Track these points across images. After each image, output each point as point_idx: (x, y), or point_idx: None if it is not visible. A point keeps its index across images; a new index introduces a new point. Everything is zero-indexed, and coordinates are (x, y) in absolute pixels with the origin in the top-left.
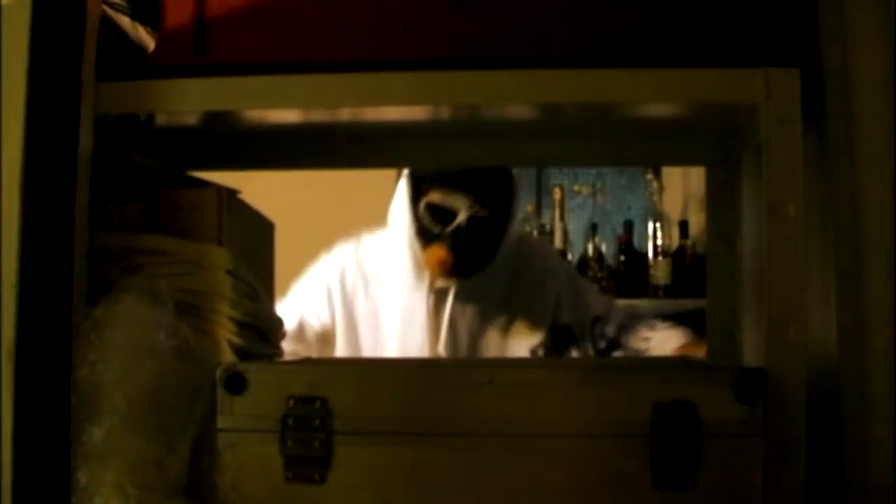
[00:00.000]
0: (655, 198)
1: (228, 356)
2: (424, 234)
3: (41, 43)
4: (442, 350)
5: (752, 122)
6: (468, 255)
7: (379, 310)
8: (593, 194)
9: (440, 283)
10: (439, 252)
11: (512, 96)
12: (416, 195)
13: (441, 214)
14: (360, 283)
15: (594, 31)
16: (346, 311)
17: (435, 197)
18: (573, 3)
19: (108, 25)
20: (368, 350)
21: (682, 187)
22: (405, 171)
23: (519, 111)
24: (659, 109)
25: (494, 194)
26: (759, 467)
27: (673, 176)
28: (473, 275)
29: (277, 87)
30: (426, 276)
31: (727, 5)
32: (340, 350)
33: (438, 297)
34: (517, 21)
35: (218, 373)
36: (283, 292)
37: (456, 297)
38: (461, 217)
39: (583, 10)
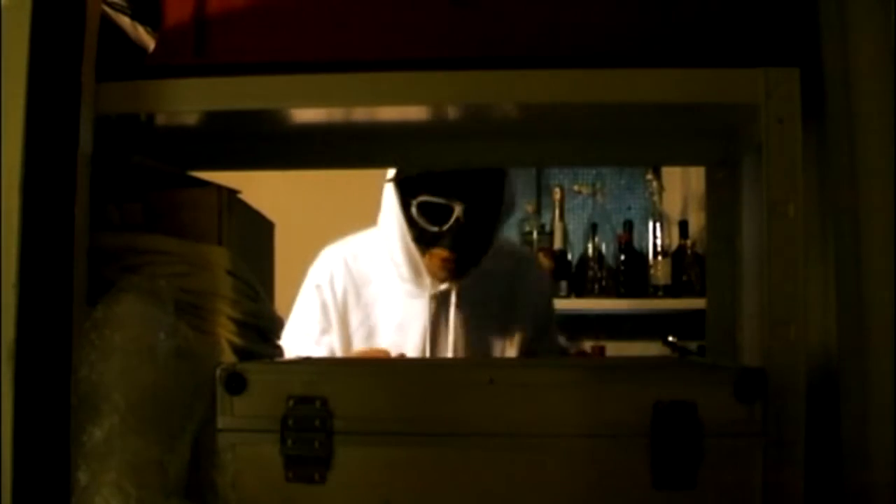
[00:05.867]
0: (655, 197)
1: (228, 356)
2: (422, 238)
3: (41, 43)
4: (450, 355)
5: (752, 121)
6: (467, 252)
7: (372, 316)
8: (593, 194)
9: (440, 287)
10: (441, 253)
11: (511, 96)
12: (406, 199)
13: (436, 213)
14: (352, 289)
15: (593, 32)
16: (340, 318)
17: (427, 196)
18: (573, 3)
19: (108, 25)
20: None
21: (682, 187)
22: (389, 176)
23: (519, 111)
24: (659, 109)
25: (484, 184)
26: (758, 467)
27: (673, 176)
28: (469, 271)
29: (277, 87)
30: (425, 281)
31: (727, 5)
32: (337, 354)
33: (438, 302)
34: (517, 21)
35: (218, 373)
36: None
37: (458, 302)
38: (458, 211)
39: (582, 11)
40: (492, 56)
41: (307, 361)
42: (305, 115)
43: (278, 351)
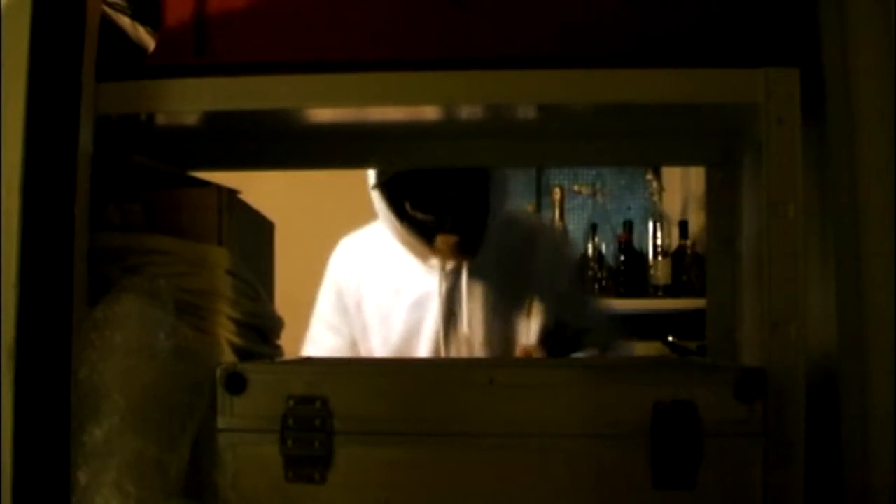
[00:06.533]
0: (655, 198)
1: (228, 356)
2: (424, 231)
3: (41, 43)
4: (465, 328)
5: (752, 122)
6: (472, 227)
7: (387, 300)
8: (593, 194)
9: (451, 265)
10: (446, 240)
11: (512, 96)
12: (396, 200)
13: (430, 202)
14: (366, 275)
15: (594, 32)
16: (356, 304)
17: (417, 189)
18: (573, 4)
19: (108, 25)
20: (379, 341)
21: (682, 187)
22: (372, 184)
23: (520, 111)
24: (659, 109)
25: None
26: (758, 467)
27: (673, 176)
28: (480, 246)
29: (277, 86)
30: (435, 262)
31: (727, 6)
32: (358, 342)
33: (451, 278)
34: (518, 21)
35: (218, 373)
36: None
37: (470, 276)
38: (451, 192)
39: (583, 11)
40: (491, 57)
41: (307, 361)
42: (306, 115)
43: (278, 351)
